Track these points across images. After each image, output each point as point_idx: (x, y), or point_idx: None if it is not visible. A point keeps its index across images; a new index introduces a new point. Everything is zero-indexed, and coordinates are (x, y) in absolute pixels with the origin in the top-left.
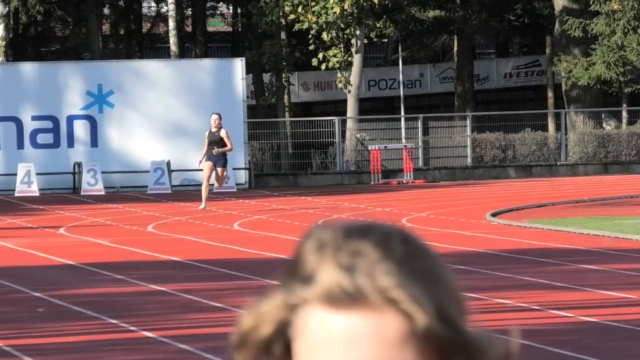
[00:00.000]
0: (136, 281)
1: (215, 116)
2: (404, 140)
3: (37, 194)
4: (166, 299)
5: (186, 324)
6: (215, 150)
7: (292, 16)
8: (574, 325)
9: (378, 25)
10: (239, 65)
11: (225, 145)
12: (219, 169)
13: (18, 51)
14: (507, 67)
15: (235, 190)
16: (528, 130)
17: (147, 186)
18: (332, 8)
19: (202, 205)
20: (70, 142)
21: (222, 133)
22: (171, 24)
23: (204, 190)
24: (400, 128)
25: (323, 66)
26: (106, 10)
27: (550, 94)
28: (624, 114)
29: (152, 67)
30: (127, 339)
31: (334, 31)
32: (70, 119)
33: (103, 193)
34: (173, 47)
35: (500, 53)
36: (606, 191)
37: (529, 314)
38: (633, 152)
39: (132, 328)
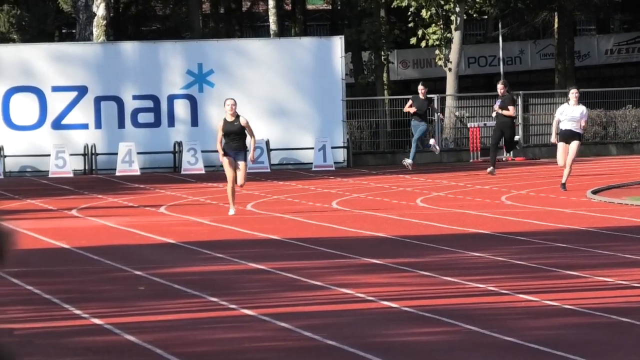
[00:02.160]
0: (236, 259)
1: (230, 101)
2: None
3: (138, 173)
4: (265, 277)
5: (285, 302)
6: (251, 157)
7: None
8: None
9: (479, 1)
10: (338, 43)
11: (245, 136)
12: (241, 164)
13: (119, 30)
14: (608, 43)
15: (333, 168)
16: (629, 107)
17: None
18: None
19: (232, 211)
20: (171, 121)
21: (243, 121)
22: (271, 2)
23: (230, 193)
24: None
25: (422, 43)
26: None
27: None
28: None
29: (252, 45)
30: (227, 317)
31: (433, 8)
32: (171, 98)
33: (203, 172)
34: (272, 26)
35: (601, 29)
36: None
37: (631, 291)
38: None
39: (231, 306)
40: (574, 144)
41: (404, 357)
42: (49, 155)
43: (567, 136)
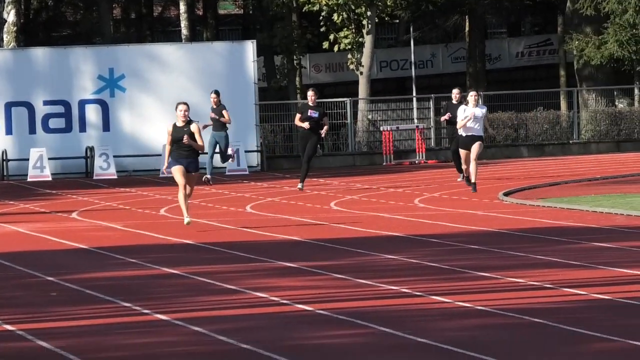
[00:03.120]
0: (149, 264)
1: (183, 106)
2: (415, 121)
3: (50, 178)
4: (179, 282)
5: (199, 306)
6: (186, 139)
7: None
8: (587, 303)
9: (389, 4)
10: (250, 47)
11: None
12: (192, 175)
13: (29, 36)
14: (519, 46)
15: (247, 172)
16: (540, 109)
17: (159, 170)
18: None
19: (187, 219)
20: (82, 127)
21: (194, 128)
22: (182, 7)
23: (182, 200)
24: (412, 109)
25: (335, 48)
26: None
27: (562, 72)
28: (636, 91)
29: (163, 50)
30: (141, 322)
31: (345, 12)
32: (82, 104)
33: (115, 177)
34: (184, 31)
35: (512, 32)
36: (619, 169)
37: (542, 292)
38: None
39: (145, 311)
40: (476, 145)
41: (318, 359)
42: None
43: (467, 142)
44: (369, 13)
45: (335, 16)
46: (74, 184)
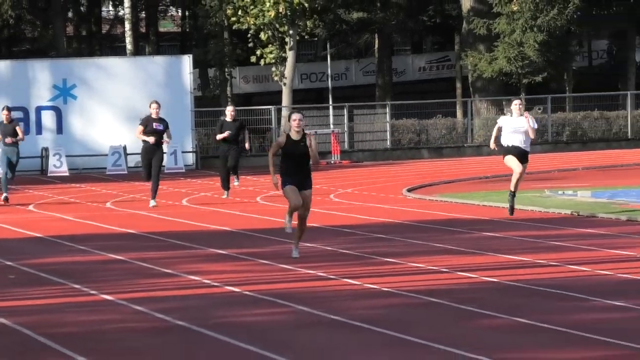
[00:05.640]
0: (96, 251)
1: (297, 115)
2: (332, 126)
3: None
4: (123, 267)
5: (140, 288)
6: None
7: (233, 18)
8: (478, 285)
9: (309, 24)
10: (187, 61)
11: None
12: (307, 193)
13: None
14: (421, 61)
15: (184, 170)
16: (439, 117)
17: (106, 168)
18: (268, 11)
19: (295, 253)
20: (39, 130)
21: (311, 141)
22: (127, 25)
23: (295, 233)
24: (329, 115)
25: (261, 62)
26: (70, 14)
27: (458, 85)
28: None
29: (110, 63)
30: (89, 302)
31: (270, 31)
32: (39, 110)
33: (67, 174)
34: (129, 46)
35: (415, 49)
36: (506, 169)
37: (439, 275)
38: None
39: (92, 292)
40: (525, 165)
41: (245, 335)
42: None
43: (515, 153)
44: (291, 32)
45: (261, 34)
46: (30, 180)
